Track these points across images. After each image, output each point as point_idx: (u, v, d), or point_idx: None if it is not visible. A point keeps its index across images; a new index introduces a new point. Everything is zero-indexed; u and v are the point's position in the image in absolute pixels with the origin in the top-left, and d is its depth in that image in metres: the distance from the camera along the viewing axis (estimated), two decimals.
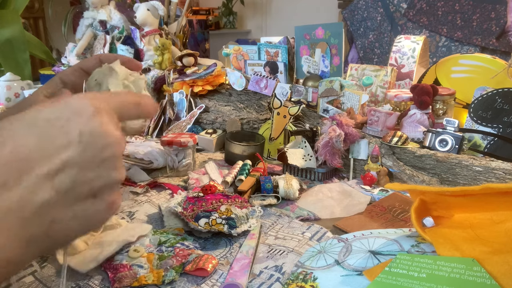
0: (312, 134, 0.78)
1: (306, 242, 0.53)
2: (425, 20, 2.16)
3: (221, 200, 0.58)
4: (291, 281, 0.44)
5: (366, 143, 0.75)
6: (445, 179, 0.68)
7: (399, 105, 0.88)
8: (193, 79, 1.01)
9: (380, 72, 0.96)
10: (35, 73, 1.44)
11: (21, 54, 1.26)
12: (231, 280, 0.45)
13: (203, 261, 0.47)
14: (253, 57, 1.10)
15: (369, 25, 2.38)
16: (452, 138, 0.71)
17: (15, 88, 1.08)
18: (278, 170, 0.80)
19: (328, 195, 0.67)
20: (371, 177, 0.71)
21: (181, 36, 1.28)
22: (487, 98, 0.79)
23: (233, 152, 0.81)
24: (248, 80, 0.96)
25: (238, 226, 0.54)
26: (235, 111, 0.96)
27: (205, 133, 0.93)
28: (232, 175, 0.71)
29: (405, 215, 0.59)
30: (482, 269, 0.37)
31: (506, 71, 0.90)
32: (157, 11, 1.14)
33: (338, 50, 0.96)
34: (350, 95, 0.84)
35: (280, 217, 0.60)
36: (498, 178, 0.64)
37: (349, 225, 0.57)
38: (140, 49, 1.19)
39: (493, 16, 1.96)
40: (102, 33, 1.24)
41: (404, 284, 0.38)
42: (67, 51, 1.29)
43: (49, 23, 2.81)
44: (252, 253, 0.50)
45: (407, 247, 0.44)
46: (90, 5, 1.24)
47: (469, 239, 0.41)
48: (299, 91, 0.91)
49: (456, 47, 2.10)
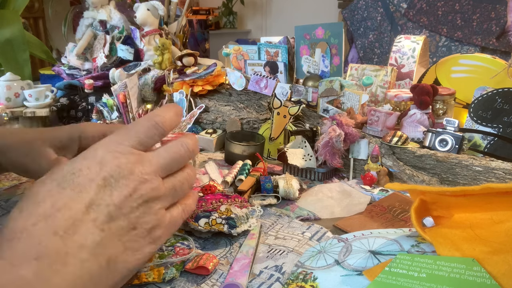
0: (312, 134, 0.78)
1: (306, 242, 0.53)
2: (425, 20, 2.16)
3: (221, 200, 0.58)
4: (291, 281, 0.44)
5: (366, 143, 0.75)
6: (445, 179, 0.68)
7: (399, 105, 0.88)
8: (193, 79, 1.01)
9: (380, 72, 0.96)
10: (35, 73, 1.44)
11: (21, 54, 1.25)
12: (231, 280, 0.45)
13: (204, 259, 0.47)
14: (253, 57, 1.10)
15: (369, 25, 2.38)
16: (452, 138, 0.71)
17: (15, 88, 1.07)
18: (278, 170, 0.80)
19: (328, 195, 0.67)
20: (371, 177, 0.71)
21: (181, 36, 1.28)
22: (487, 98, 0.79)
23: (233, 152, 0.81)
24: (248, 80, 0.96)
25: (238, 226, 0.54)
26: (235, 111, 0.96)
27: (205, 133, 0.93)
28: (232, 175, 0.71)
29: (405, 215, 0.59)
30: (482, 269, 0.37)
31: (506, 71, 0.90)
32: (157, 11, 1.14)
33: (338, 50, 0.96)
34: (350, 95, 0.84)
35: (280, 217, 0.60)
36: (498, 178, 0.64)
37: (349, 225, 0.57)
38: (140, 49, 1.19)
39: (493, 16, 1.96)
40: (102, 33, 1.24)
41: (404, 284, 0.38)
42: (67, 51, 1.29)
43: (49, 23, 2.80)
44: (252, 253, 0.50)
45: (407, 247, 0.44)
46: (90, 5, 1.24)
47: (469, 239, 0.41)
48: (299, 91, 0.91)
49: (456, 47, 2.10)
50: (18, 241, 0.28)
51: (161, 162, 0.34)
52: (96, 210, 0.30)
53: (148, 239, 0.33)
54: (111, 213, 0.31)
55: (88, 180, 0.31)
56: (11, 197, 0.65)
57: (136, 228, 0.32)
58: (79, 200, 0.30)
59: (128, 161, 0.32)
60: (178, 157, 0.36)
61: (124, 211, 0.32)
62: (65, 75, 1.24)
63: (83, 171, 0.31)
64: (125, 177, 0.32)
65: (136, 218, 0.32)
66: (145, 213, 0.33)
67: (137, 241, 0.33)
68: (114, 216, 0.31)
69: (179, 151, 0.35)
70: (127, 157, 0.32)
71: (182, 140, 0.36)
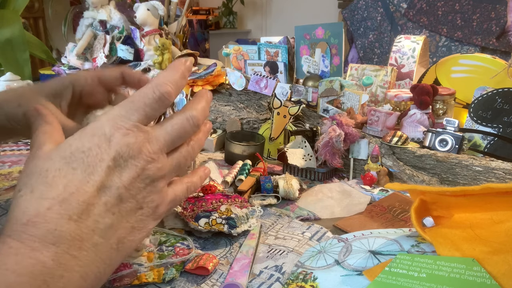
0: (312, 134, 0.78)
1: (306, 242, 0.53)
2: (425, 20, 2.16)
3: (221, 200, 0.58)
4: (291, 281, 0.44)
5: (366, 143, 0.75)
6: (445, 179, 0.68)
7: (399, 105, 0.88)
8: (193, 79, 1.01)
9: (380, 72, 0.96)
10: (35, 73, 1.44)
11: (21, 54, 1.26)
12: (231, 280, 0.45)
13: (204, 260, 0.47)
14: (253, 57, 1.10)
15: (369, 25, 2.38)
16: (452, 138, 0.71)
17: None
18: (278, 170, 0.80)
19: (328, 195, 0.67)
20: (371, 177, 0.71)
21: (181, 36, 1.28)
22: (487, 98, 0.79)
23: (233, 152, 0.81)
24: (248, 80, 0.96)
25: (238, 226, 0.54)
26: (235, 111, 0.96)
27: None
28: (232, 175, 0.71)
29: (405, 215, 0.59)
30: (482, 269, 0.37)
31: (506, 71, 0.90)
32: (157, 11, 1.14)
33: (338, 50, 0.96)
34: (350, 95, 0.84)
35: (280, 217, 0.60)
36: (498, 178, 0.64)
37: (349, 225, 0.57)
38: (140, 49, 1.19)
39: (493, 16, 1.96)
40: (102, 33, 1.24)
41: (404, 284, 0.38)
42: (67, 51, 1.29)
43: (49, 23, 2.80)
44: (252, 253, 0.50)
45: (407, 247, 0.44)
46: (90, 5, 1.24)
47: (469, 239, 0.41)
48: (299, 91, 0.91)
49: (456, 47, 2.10)
50: (33, 226, 0.28)
51: (167, 138, 0.34)
52: (107, 193, 0.31)
53: (152, 216, 0.34)
54: (121, 195, 0.31)
55: (98, 160, 0.30)
56: (11, 197, 0.65)
57: (143, 208, 0.33)
58: (91, 183, 0.30)
59: (136, 140, 0.32)
60: (184, 132, 0.35)
61: (132, 192, 0.32)
62: (65, 75, 1.24)
63: (93, 150, 0.31)
64: (134, 157, 0.32)
65: (143, 198, 0.32)
66: (151, 192, 0.33)
67: (143, 220, 0.33)
68: (124, 198, 0.31)
69: (184, 126, 0.35)
70: (136, 135, 0.32)
71: (188, 113, 0.35)
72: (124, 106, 0.33)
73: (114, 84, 0.49)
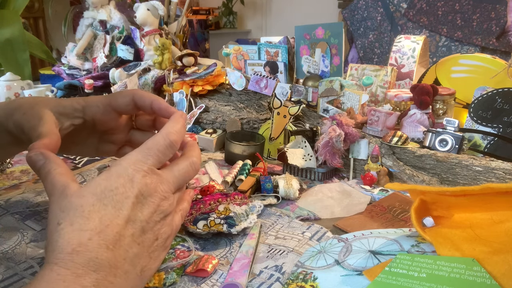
0: (312, 134, 0.78)
1: (306, 242, 0.53)
2: (425, 20, 2.16)
3: (220, 200, 0.58)
4: (291, 281, 0.44)
5: (366, 143, 0.75)
6: (445, 179, 0.68)
7: (399, 105, 0.88)
8: (193, 79, 1.01)
9: (380, 72, 0.96)
10: (35, 73, 1.44)
11: (21, 54, 1.26)
12: (231, 280, 0.45)
13: (203, 261, 0.47)
14: (253, 57, 1.10)
15: (369, 25, 2.38)
16: (452, 138, 0.71)
17: (15, 88, 1.07)
18: (278, 170, 0.80)
19: (328, 195, 0.67)
20: (371, 177, 0.71)
21: (181, 36, 1.28)
22: (487, 98, 0.79)
23: (233, 152, 0.81)
24: (248, 80, 0.96)
25: (238, 224, 0.54)
26: (235, 111, 0.96)
27: (205, 133, 0.93)
28: (232, 175, 0.71)
29: (405, 215, 0.59)
30: (482, 269, 0.37)
31: (506, 71, 0.90)
32: (157, 11, 1.14)
33: (338, 50, 0.96)
34: (350, 95, 0.84)
35: (280, 217, 0.60)
36: (498, 178, 0.64)
37: (349, 225, 0.57)
38: (140, 49, 1.19)
39: (493, 16, 1.96)
40: (102, 33, 1.24)
41: (404, 284, 0.38)
42: (67, 51, 1.29)
43: (49, 23, 2.81)
44: (252, 253, 0.50)
45: (407, 247, 0.44)
46: (90, 5, 1.24)
47: (469, 239, 0.41)
48: (299, 91, 0.91)
49: (456, 47, 2.10)
50: (77, 254, 0.32)
51: (175, 181, 0.40)
52: (132, 225, 0.35)
53: (163, 246, 0.39)
54: (144, 228, 0.36)
55: (124, 197, 0.35)
56: (11, 197, 0.65)
57: (158, 239, 0.38)
58: (120, 216, 0.35)
59: (152, 181, 0.37)
60: (187, 176, 0.42)
61: (151, 225, 0.37)
62: (65, 75, 1.24)
63: (119, 189, 0.36)
64: (151, 195, 0.37)
65: (158, 230, 0.38)
66: (164, 225, 0.38)
67: (158, 250, 0.38)
68: (145, 230, 0.36)
69: (188, 172, 0.42)
70: (152, 177, 0.38)
71: (191, 160, 0.42)
72: (141, 151, 0.39)
73: (126, 110, 0.51)
